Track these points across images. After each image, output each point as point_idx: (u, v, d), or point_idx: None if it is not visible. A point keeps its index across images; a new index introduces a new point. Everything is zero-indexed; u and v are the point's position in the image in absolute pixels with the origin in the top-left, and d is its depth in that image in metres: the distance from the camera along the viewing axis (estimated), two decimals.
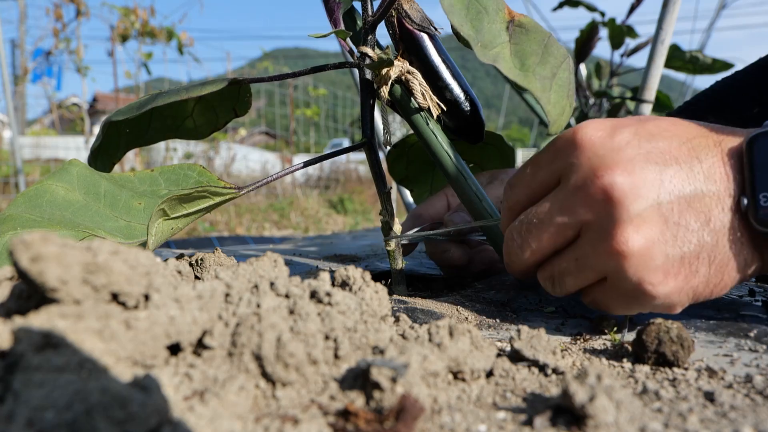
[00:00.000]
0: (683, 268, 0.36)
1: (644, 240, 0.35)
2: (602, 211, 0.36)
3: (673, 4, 1.02)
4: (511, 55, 0.41)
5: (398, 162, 0.66)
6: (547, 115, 0.40)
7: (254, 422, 0.25)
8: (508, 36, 0.42)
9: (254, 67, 11.84)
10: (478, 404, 0.28)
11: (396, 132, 8.30)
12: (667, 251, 0.36)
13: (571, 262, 0.39)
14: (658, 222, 0.35)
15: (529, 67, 0.40)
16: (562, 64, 0.42)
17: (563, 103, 0.41)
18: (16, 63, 6.24)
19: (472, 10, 0.42)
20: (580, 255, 0.39)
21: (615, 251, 0.36)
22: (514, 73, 0.40)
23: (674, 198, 0.36)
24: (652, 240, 0.35)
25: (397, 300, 0.51)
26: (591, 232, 0.37)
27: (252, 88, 0.55)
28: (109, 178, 0.54)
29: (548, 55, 0.41)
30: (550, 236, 0.40)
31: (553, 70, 0.41)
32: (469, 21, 0.41)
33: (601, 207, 0.36)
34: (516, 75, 0.40)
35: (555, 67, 0.41)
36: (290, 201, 5.11)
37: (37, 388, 0.20)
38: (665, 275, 0.36)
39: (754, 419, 0.26)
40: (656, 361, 0.33)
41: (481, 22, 0.42)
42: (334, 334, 0.29)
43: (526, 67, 0.40)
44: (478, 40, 0.41)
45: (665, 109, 1.40)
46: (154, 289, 0.26)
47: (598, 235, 0.37)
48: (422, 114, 0.52)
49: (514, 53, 0.41)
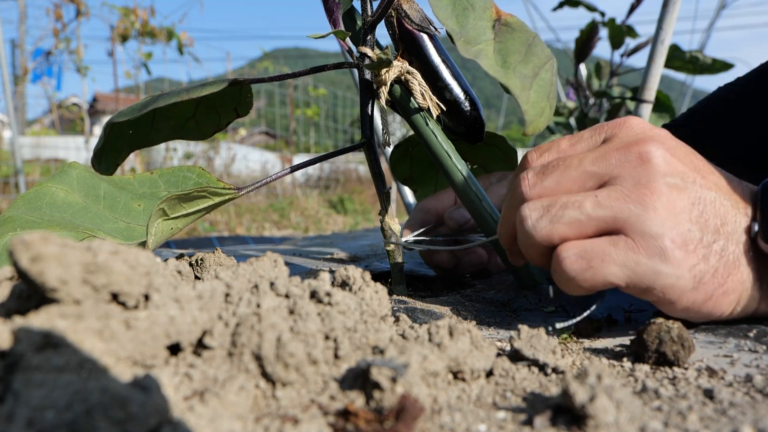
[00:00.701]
0: (700, 247, 0.37)
1: (675, 203, 0.36)
2: (639, 168, 0.37)
3: (673, 4, 1.02)
4: (494, 53, 0.41)
5: (401, 162, 0.66)
6: (525, 114, 0.39)
7: (254, 422, 0.25)
8: (494, 34, 0.42)
9: (254, 67, 11.84)
10: (478, 404, 0.28)
11: (396, 132, 8.30)
12: (691, 226, 0.37)
13: (588, 198, 0.37)
14: (687, 198, 0.37)
15: (510, 65, 0.40)
16: (545, 65, 0.42)
17: (542, 105, 0.41)
18: (16, 63, 6.24)
19: (458, 6, 0.42)
20: (601, 195, 0.37)
21: (647, 199, 0.36)
22: (495, 69, 0.40)
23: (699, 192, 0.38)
24: (681, 208, 0.37)
25: (397, 300, 0.51)
26: (622, 180, 0.37)
27: (252, 88, 0.56)
28: (109, 181, 0.54)
29: (531, 54, 0.41)
30: (570, 181, 0.39)
31: (534, 70, 0.41)
32: (455, 16, 0.42)
33: (637, 165, 0.37)
34: (496, 71, 0.39)
35: (537, 67, 0.41)
36: (290, 201, 5.11)
37: (37, 388, 0.20)
38: (684, 244, 0.36)
39: (754, 417, 0.26)
40: (657, 360, 0.33)
41: (466, 18, 0.42)
42: (334, 334, 0.29)
43: (507, 65, 0.40)
44: (461, 36, 0.41)
45: (665, 109, 1.40)
46: (154, 289, 0.27)
47: (631, 183, 0.37)
48: (422, 114, 0.52)
49: (497, 51, 0.41)
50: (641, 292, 0.37)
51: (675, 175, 0.37)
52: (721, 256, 0.37)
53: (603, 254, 0.36)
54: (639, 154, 0.38)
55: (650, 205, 0.36)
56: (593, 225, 0.37)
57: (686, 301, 0.37)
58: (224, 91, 0.49)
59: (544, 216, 0.38)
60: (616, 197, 0.37)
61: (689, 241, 0.36)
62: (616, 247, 0.36)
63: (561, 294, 0.53)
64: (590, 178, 0.39)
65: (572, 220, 0.37)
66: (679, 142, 0.40)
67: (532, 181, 0.40)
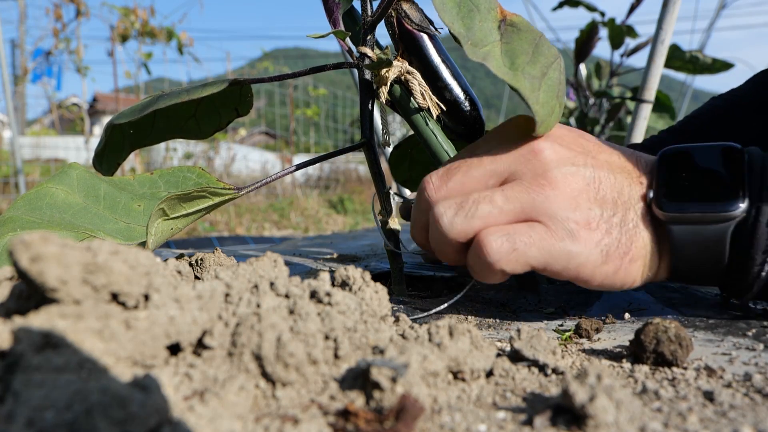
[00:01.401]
0: (602, 222, 0.40)
1: (571, 187, 0.40)
2: (533, 161, 0.41)
3: (673, 4, 1.02)
4: (502, 54, 0.41)
5: (401, 163, 0.66)
6: (536, 115, 0.40)
7: (254, 422, 0.25)
8: (500, 35, 0.42)
9: (254, 67, 11.84)
10: (478, 404, 0.28)
11: (396, 132, 8.30)
12: (590, 205, 0.40)
13: (496, 193, 0.40)
14: (582, 180, 0.40)
15: (519, 66, 0.40)
16: (552, 64, 0.42)
17: (552, 103, 0.41)
18: (16, 63, 6.24)
19: (463, 8, 0.42)
20: (507, 189, 0.40)
21: (546, 188, 0.39)
22: (503, 71, 0.39)
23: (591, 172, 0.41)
24: (578, 189, 0.40)
25: (397, 300, 0.51)
26: (521, 174, 0.41)
27: (252, 88, 0.56)
28: (109, 181, 0.54)
29: (539, 54, 0.41)
30: (473, 180, 0.42)
31: (543, 70, 0.41)
32: (461, 19, 0.41)
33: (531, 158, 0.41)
34: (505, 74, 0.39)
35: (545, 67, 0.41)
36: (290, 201, 5.11)
37: (37, 388, 0.20)
38: (587, 223, 0.39)
39: (754, 418, 0.26)
40: (655, 360, 0.33)
41: (472, 20, 0.42)
42: (334, 334, 0.29)
43: (515, 66, 0.40)
44: (468, 38, 0.40)
45: (665, 109, 1.40)
46: (154, 289, 0.27)
47: (530, 176, 0.40)
48: (422, 114, 0.52)
49: (504, 52, 0.41)
50: (557, 272, 0.40)
51: (566, 162, 0.41)
52: (621, 227, 0.40)
53: (527, 237, 0.39)
54: (530, 149, 0.41)
55: (550, 193, 0.39)
56: (505, 217, 0.40)
57: (600, 276, 0.40)
58: (224, 91, 0.49)
59: (458, 213, 0.40)
60: (519, 190, 0.40)
61: (591, 219, 0.40)
62: (534, 231, 0.39)
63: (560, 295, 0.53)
64: (491, 176, 0.41)
65: (486, 214, 0.40)
66: (566, 130, 0.44)
67: (437, 184, 0.43)
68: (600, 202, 0.40)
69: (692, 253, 0.40)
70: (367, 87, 0.51)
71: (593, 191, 0.40)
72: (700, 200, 0.40)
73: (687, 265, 0.41)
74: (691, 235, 0.40)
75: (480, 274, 0.41)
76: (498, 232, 0.39)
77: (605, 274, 0.40)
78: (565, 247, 0.39)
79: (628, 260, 0.40)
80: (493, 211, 0.40)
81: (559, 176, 0.40)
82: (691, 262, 0.40)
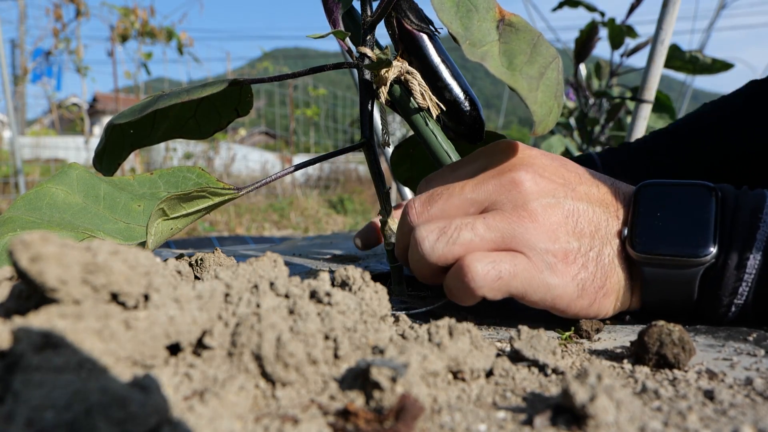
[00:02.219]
0: (579, 256, 0.41)
1: (550, 219, 0.40)
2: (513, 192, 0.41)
3: (673, 4, 1.02)
4: (500, 54, 0.41)
5: (402, 163, 0.66)
6: (534, 115, 0.40)
7: (254, 422, 0.25)
8: (498, 35, 0.42)
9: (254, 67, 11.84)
10: (478, 404, 0.28)
11: (396, 132, 8.29)
12: (569, 238, 0.41)
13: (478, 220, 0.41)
14: (561, 213, 0.41)
15: (517, 66, 0.40)
16: (550, 64, 0.42)
17: (550, 103, 0.41)
18: (16, 63, 6.24)
19: (462, 8, 0.42)
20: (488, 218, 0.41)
21: (525, 220, 0.40)
22: (501, 71, 0.39)
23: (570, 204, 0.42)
24: (557, 222, 0.41)
25: (397, 300, 0.51)
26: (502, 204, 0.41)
27: (252, 88, 0.56)
28: (109, 181, 0.54)
29: (537, 54, 0.41)
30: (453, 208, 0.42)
31: (541, 70, 0.41)
32: (459, 19, 0.41)
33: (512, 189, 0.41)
34: (503, 74, 0.39)
35: (543, 67, 0.41)
36: (290, 201, 5.11)
37: (36, 388, 0.20)
38: (565, 256, 0.40)
39: (754, 417, 0.26)
40: (657, 362, 0.33)
41: (470, 20, 0.42)
42: (334, 334, 0.29)
43: (513, 66, 0.40)
44: (466, 38, 0.40)
45: (665, 109, 1.40)
46: (154, 289, 0.26)
47: (510, 207, 0.41)
48: (422, 114, 0.52)
49: (502, 52, 0.41)
50: (534, 302, 0.41)
51: (546, 194, 0.41)
52: (597, 262, 0.41)
53: (512, 267, 0.39)
54: (511, 180, 0.42)
55: (529, 225, 0.40)
56: (486, 245, 0.40)
57: (575, 308, 0.41)
58: (224, 92, 0.49)
59: (440, 238, 0.41)
60: (500, 219, 0.40)
61: (569, 252, 0.40)
62: (517, 261, 0.40)
63: None
64: (471, 204, 0.42)
65: (468, 241, 0.40)
66: (548, 159, 0.44)
67: (419, 209, 0.44)
68: (578, 236, 0.41)
69: (663, 291, 0.42)
70: (366, 87, 0.51)
71: (572, 224, 0.41)
72: (671, 244, 0.41)
73: (658, 301, 0.42)
74: (662, 276, 0.41)
75: (457, 297, 0.41)
76: (484, 259, 0.39)
77: (580, 306, 0.41)
78: (544, 280, 0.40)
79: (602, 294, 0.41)
80: (475, 239, 0.40)
81: (539, 208, 0.41)
82: (662, 299, 0.42)
